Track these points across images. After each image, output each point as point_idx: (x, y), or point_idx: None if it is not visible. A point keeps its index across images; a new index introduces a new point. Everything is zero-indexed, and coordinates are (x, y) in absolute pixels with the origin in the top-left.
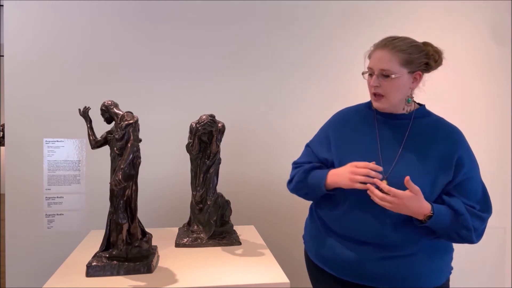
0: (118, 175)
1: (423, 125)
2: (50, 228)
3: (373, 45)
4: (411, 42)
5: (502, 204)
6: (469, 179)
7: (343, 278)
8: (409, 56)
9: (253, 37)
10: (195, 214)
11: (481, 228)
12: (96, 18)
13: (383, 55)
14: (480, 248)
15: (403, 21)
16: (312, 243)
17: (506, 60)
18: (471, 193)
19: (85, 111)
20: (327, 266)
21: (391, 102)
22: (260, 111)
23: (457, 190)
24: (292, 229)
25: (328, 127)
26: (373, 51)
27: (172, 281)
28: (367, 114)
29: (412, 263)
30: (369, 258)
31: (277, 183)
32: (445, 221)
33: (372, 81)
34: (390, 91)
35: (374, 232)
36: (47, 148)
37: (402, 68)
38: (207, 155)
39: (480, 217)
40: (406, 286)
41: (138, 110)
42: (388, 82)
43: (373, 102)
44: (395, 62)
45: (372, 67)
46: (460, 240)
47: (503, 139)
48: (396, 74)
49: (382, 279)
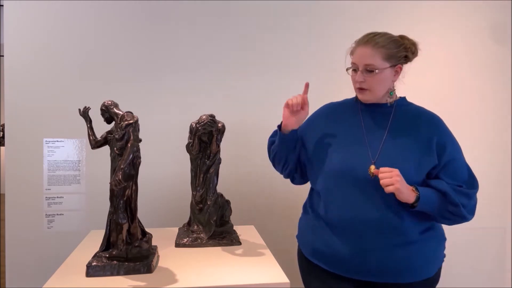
0: (118, 175)
1: (405, 112)
2: (50, 228)
3: (355, 41)
4: (390, 37)
5: (502, 204)
6: (454, 160)
7: (339, 273)
8: (390, 51)
9: (253, 37)
10: (195, 214)
11: (470, 204)
12: (96, 18)
13: (366, 51)
14: (480, 248)
15: (402, 21)
16: (307, 241)
17: (506, 60)
18: (457, 173)
19: (85, 111)
20: (322, 262)
21: (376, 95)
22: (260, 111)
23: (443, 172)
24: (292, 229)
25: (312, 119)
26: (356, 48)
27: (172, 281)
28: (351, 105)
29: (409, 252)
30: (367, 248)
31: (277, 183)
32: (433, 199)
33: (357, 76)
34: (374, 85)
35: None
36: (47, 148)
37: (384, 62)
38: (207, 155)
39: (466, 193)
40: (404, 279)
41: (138, 110)
42: (372, 77)
43: (358, 95)
44: (378, 57)
45: (356, 63)
46: (454, 218)
47: (503, 139)
48: (380, 68)
49: (379, 273)
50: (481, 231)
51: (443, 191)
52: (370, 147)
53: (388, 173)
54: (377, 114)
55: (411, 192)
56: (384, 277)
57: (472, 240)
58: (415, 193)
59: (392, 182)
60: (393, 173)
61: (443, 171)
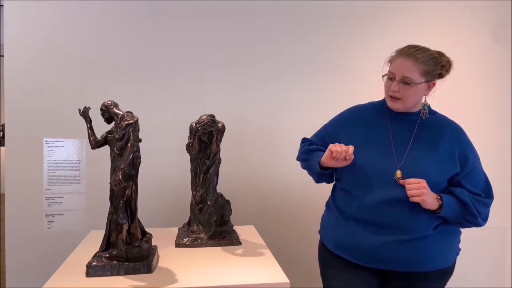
0: (118, 175)
1: (430, 121)
2: (50, 228)
3: (396, 51)
4: (431, 54)
5: (502, 204)
6: (474, 169)
7: (360, 263)
8: (429, 68)
9: (253, 37)
10: (195, 214)
11: (486, 212)
12: (96, 18)
13: (407, 64)
14: (480, 248)
15: (403, 21)
16: (330, 234)
17: (506, 60)
18: (477, 182)
19: (85, 111)
20: (345, 253)
21: (406, 105)
22: (260, 111)
23: (465, 179)
24: (292, 229)
25: (340, 119)
26: (396, 58)
27: (172, 281)
28: (379, 110)
29: (425, 245)
30: (384, 241)
31: (277, 183)
32: (454, 209)
33: (393, 86)
34: (407, 96)
35: (390, 216)
36: (47, 148)
37: (421, 77)
38: (207, 155)
39: (485, 203)
40: (419, 268)
41: (138, 110)
42: (407, 89)
43: (388, 103)
44: (417, 72)
45: (394, 72)
46: (468, 224)
47: (503, 139)
48: (416, 83)
49: (397, 262)
50: (481, 231)
51: (464, 201)
52: (396, 153)
53: (416, 185)
54: (404, 122)
55: (435, 200)
56: (403, 266)
57: (472, 240)
58: (438, 201)
59: (419, 193)
60: (420, 185)
61: (465, 179)
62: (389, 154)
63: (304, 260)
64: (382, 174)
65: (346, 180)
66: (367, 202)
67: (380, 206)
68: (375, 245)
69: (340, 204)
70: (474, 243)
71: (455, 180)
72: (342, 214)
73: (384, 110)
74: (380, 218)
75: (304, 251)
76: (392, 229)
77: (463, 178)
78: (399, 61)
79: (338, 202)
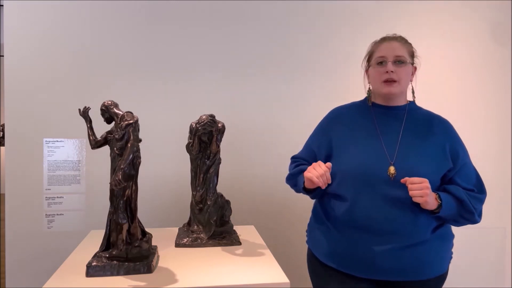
0: (118, 175)
1: (417, 116)
2: (50, 228)
3: (375, 41)
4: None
5: (502, 204)
6: (465, 165)
7: (356, 274)
8: (411, 50)
9: (253, 37)
10: (195, 214)
11: (481, 208)
12: (96, 18)
13: (396, 45)
14: (480, 248)
15: (403, 21)
16: (320, 244)
17: (506, 60)
18: (469, 177)
19: (85, 111)
20: (338, 264)
21: (403, 87)
22: (260, 111)
23: (458, 175)
24: (292, 229)
25: (324, 123)
26: (380, 44)
27: (172, 281)
28: (362, 108)
29: (426, 251)
30: (383, 250)
31: (277, 183)
32: (452, 207)
33: (388, 66)
34: (403, 76)
35: (384, 217)
36: (47, 148)
37: (409, 58)
38: (207, 155)
39: (479, 199)
40: (420, 276)
41: (138, 110)
42: (402, 69)
43: (384, 89)
44: (406, 52)
45: (385, 56)
46: (464, 222)
47: (503, 139)
48: (408, 62)
49: (398, 271)
50: (481, 231)
51: (461, 199)
52: (387, 149)
53: (418, 185)
54: (390, 117)
55: (435, 200)
56: (401, 275)
57: (472, 240)
58: (437, 201)
59: (421, 194)
60: (423, 185)
61: (457, 175)
62: (380, 151)
63: (304, 260)
64: (375, 171)
65: (335, 183)
66: (360, 203)
67: (374, 207)
68: (373, 255)
69: (329, 211)
70: (474, 243)
71: (448, 177)
72: (332, 221)
73: (367, 108)
74: (375, 222)
75: (304, 251)
76: (390, 234)
77: (455, 174)
78: (385, 44)
79: (328, 208)
